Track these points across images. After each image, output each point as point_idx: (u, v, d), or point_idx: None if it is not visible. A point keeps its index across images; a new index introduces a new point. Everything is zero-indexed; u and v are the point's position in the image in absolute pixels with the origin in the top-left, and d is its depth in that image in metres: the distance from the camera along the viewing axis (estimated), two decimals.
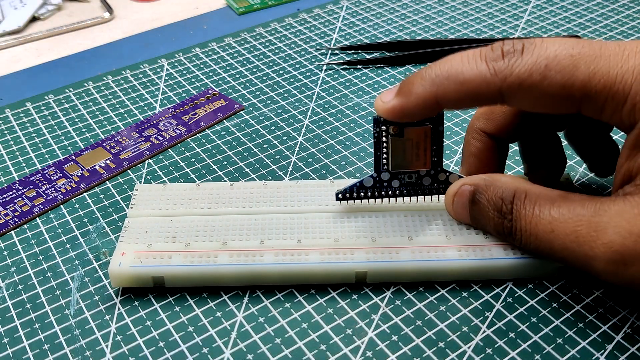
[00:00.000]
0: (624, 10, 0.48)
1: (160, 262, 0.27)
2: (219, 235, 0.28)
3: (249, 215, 0.29)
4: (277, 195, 0.30)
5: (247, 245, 0.27)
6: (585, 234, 0.22)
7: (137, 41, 0.48)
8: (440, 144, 0.27)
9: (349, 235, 0.28)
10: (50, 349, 0.25)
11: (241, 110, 0.39)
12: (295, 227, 0.28)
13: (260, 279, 0.27)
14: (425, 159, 0.27)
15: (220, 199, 0.30)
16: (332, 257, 0.27)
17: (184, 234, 0.28)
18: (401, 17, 0.49)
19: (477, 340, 0.25)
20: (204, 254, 0.27)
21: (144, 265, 0.26)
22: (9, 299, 0.28)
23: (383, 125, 0.27)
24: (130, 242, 0.27)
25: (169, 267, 0.26)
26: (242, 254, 0.27)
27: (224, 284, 0.27)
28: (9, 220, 0.31)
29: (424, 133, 0.27)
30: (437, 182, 0.28)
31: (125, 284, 0.27)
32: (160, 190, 0.30)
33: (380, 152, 0.27)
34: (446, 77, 0.24)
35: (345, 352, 0.25)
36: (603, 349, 0.25)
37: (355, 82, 0.41)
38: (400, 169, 0.28)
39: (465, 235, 0.27)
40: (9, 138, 0.38)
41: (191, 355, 0.25)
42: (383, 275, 0.27)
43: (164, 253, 0.27)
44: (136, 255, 0.27)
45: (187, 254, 0.27)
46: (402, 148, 0.27)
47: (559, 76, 0.22)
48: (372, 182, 0.28)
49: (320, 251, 0.27)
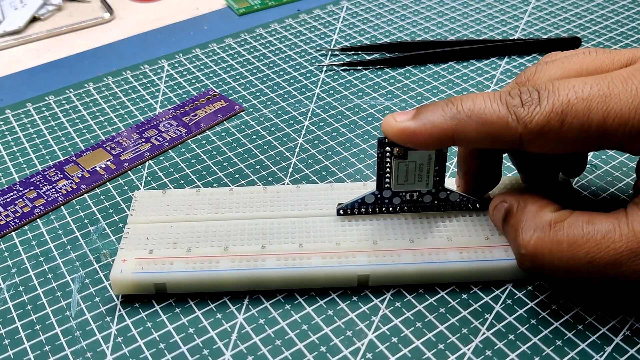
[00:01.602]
0: (624, 12, 0.48)
1: (162, 269, 0.27)
2: (220, 240, 0.28)
3: (249, 220, 0.29)
4: (277, 200, 0.30)
5: (248, 250, 0.27)
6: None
7: (137, 42, 0.48)
8: (443, 165, 0.27)
9: (350, 238, 0.28)
10: (51, 350, 0.25)
11: (241, 111, 0.39)
12: (296, 231, 0.28)
13: (262, 284, 0.27)
14: (428, 180, 0.28)
15: (220, 204, 0.30)
16: (334, 260, 0.27)
17: (184, 240, 0.28)
18: (401, 18, 0.49)
19: (477, 342, 0.25)
20: (205, 259, 0.27)
21: (145, 272, 0.26)
22: (9, 300, 0.28)
23: (387, 147, 0.27)
24: (131, 249, 0.27)
25: (171, 274, 0.26)
26: (244, 259, 0.27)
27: (226, 289, 0.27)
28: (10, 222, 0.32)
29: (428, 156, 0.27)
30: (438, 200, 0.29)
31: (127, 290, 0.27)
32: (159, 196, 0.30)
33: (383, 172, 0.27)
34: (469, 114, 0.24)
35: (345, 354, 0.25)
36: (602, 351, 0.25)
37: (356, 83, 0.41)
38: (402, 189, 0.28)
39: (466, 237, 0.28)
40: (9, 139, 0.38)
41: (192, 356, 0.25)
42: (385, 278, 0.27)
43: (165, 259, 0.27)
44: (137, 262, 0.27)
45: (189, 260, 0.27)
46: (405, 170, 0.27)
47: (576, 121, 0.23)
48: (374, 199, 0.28)
49: (322, 255, 0.27)
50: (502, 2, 0.50)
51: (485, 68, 0.42)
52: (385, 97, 0.40)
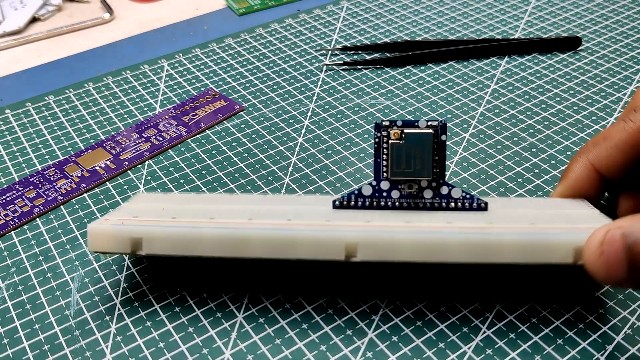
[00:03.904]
0: (624, 11, 0.48)
1: (141, 223, 0.25)
2: (207, 214, 0.27)
3: (242, 206, 0.28)
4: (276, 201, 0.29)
5: (234, 221, 0.25)
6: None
7: (137, 42, 0.48)
8: (442, 155, 0.27)
9: (341, 218, 0.26)
10: (50, 350, 0.25)
11: (241, 110, 0.39)
12: (287, 213, 0.27)
13: (244, 247, 0.25)
14: (427, 169, 0.27)
15: (218, 200, 0.30)
16: (321, 229, 0.25)
17: (173, 213, 0.27)
18: (401, 17, 0.49)
19: (477, 341, 0.25)
20: (188, 223, 0.25)
21: (123, 225, 0.25)
22: (9, 299, 0.28)
23: (384, 130, 0.27)
24: (118, 216, 0.26)
25: (149, 228, 0.25)
26: (229, 225, 0.25)
27: (207, 253, 0.25)
28: (9, 221, 0.31)
29: (426, 139, 0.26)
30: (440, 197, 0.27)
31: (103, 246, 0.25)
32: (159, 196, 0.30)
33: (381, 159, 0.27)
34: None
35: (345, 353, 0.25)
36: (603, 350, 0.25)
37: (356, 82, 0.41)
38: (400, 176, 0.27)
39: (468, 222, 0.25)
40: (9, 139, 0.38)
41: (191, 355, 0.25)
42: (376, 250, 0.24)
43: (147, 221, 0.26)
44: (120, 221, 0.26)
45: (171, 223, 0.25)
46: (403, 154, 0.26)
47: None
48: (371, 190, 0.27)
49: (309, 226, 0.25)
50: (502, 2, 0.50)
51: (486, 68, 0.42)
52: (385, 97, 0.40)
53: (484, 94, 0.39)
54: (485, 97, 0.39)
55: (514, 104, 0.38)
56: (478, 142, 0.36)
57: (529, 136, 0.36)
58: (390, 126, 0.26)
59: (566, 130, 0.36)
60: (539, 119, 0.37)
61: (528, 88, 0.40)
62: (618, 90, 0.39)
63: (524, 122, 0.37)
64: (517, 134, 0.36)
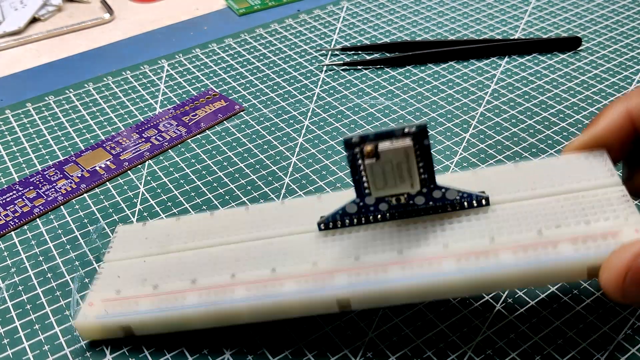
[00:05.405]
0: (624, 11, 0.48)
1: (127, 310, 0.25)
2: (190, 272, 0.25)
3: (224, 247, 0.26)
4: (259, 220, 0.27)
5: (217, 281, 0.25)
6: None
7: (137, 42, 0.48)
8: (428, 159, 0.23)
9: (330, 256, 0.24)
10: (51, 350, 0.25)
11: (241, 111, 0.39)
12: (272, 254, 0.25)
13: (231, 319, 0.24)
14: (412, 180, 0.23)
15: (199, 232, 0.27)
16: (309, 285, 0.23)
17: (154, 275, 0.26)
18: (401, 18, 0.49)
19: (478, 341, 0.25)
20: (171, 296, 0.25)
21: (109, 316, 0.25)
22: (9, 299, 0.28)
23: (356, 147, 0.23)
24: (100, 291, 0.26)
25: (136, 315, 0.24)
26: (212, 292, 0.24)
27: (195, 327, 0.25)
28: (9, 221, 0.31)
29: (404, 153, 0.23)
30: (433, 200, 0.24)
31: (95, 336, 0.25)
32: (139, 229, 0.29)
33: (359, 177, 0.24)
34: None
35: (345, 353, 0.25)
36: (603, 350, 0.25)
37: (356, 82, 0.41)
38: (384, 193, 0.24)
39: (466, 242, 0.23)
40: (9, 139, 0.38)
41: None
42: (370, 301, 0.23)
43: (131, 300, 0.25)
44: (103, 306, 0.25)
45: (155, 298, 0.25)
46: (382, 172, 0.23)
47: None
48: (356, 208, 0.25)
49: (296, 279, 0.24)
50: (502, 2, 0.50)
51: (486, 68, 0.42)
52: (385, 97, 0.40)
53: (484, 94, 0.39)
54: (485, 97, 0.39)
55: (514, 104, 0.38)
56: (478, 142, 0.36)
57: (529, 136, 0.36)
58: (362, 142, 0.23)
59: (566, 131, 0.36)
60: (539, 119, 0.37)
61: (528, 88, 0.40)
62: (618, 91, 0.39)
63: (524, 122, 0.37)
64: (517, 134, 0.36)
